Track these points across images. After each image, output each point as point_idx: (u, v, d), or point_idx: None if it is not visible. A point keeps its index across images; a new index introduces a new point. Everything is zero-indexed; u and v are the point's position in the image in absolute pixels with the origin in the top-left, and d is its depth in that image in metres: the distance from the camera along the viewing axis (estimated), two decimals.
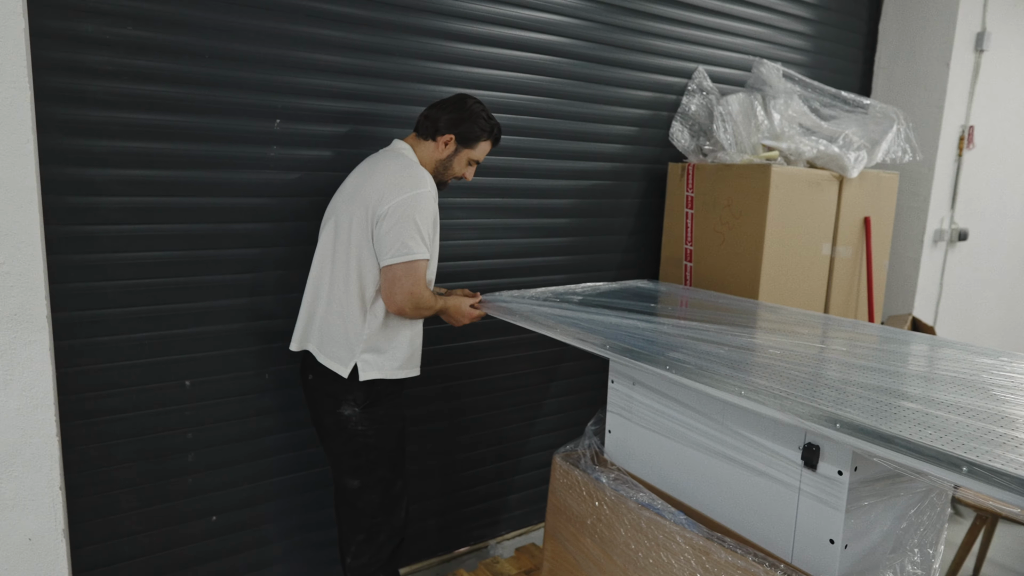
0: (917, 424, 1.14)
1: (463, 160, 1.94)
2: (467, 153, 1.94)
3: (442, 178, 1.94)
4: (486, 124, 1.93)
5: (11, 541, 1.43)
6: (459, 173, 1.96)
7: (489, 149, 1.99)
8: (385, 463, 1.91)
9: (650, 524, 1.59)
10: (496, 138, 1.98)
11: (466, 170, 1.97)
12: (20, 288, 1.37)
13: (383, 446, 1.90)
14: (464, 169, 1.96)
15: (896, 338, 1.83)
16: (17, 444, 1.41)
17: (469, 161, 1.95)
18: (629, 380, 1.85)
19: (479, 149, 1.95)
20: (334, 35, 2.06)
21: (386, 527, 1.93)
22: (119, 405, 1.90)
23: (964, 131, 3.51)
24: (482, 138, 1.94)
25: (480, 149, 1.95)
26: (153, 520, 2.00)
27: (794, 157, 2.73)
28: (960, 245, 3.66)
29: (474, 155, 1.95)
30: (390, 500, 1.93)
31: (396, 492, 1.94)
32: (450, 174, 1.95)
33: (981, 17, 3.43)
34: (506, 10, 2.37)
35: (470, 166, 1.97)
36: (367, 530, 1.92)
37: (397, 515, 1.95)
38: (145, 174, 1.85)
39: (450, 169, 1.94)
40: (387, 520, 1.93)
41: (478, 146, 1.94)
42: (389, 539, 1.95)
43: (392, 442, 1.92)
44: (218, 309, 2.01)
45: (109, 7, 1.74)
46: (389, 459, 1.92)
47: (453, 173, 1.95)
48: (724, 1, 2.96)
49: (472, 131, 1.91)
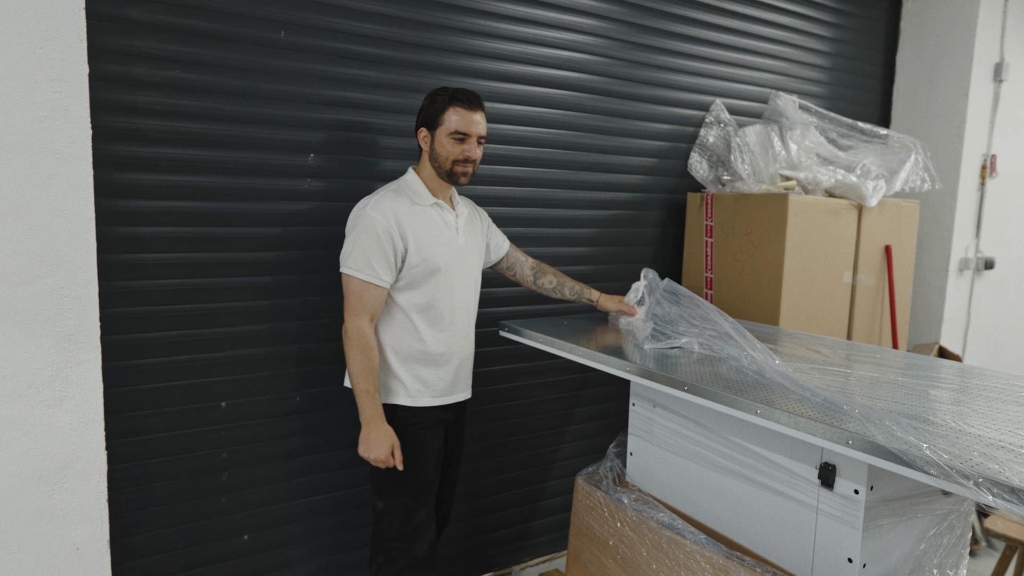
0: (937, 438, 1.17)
1: (442, 140, 1.86)
2: (442, 131, 1.86)
3: (444, 171, 1.89)
4: (443, 95, 1.86)
5: (61, 550, 1.51)
6: (448, 155, 1.86)
7: (465, 113, 1.86)
8: (407, 491, 1.91)
9: (671, 544, 1.62)
10: (461, 99, 1.86)
11: (453, 147, 1.86)
12: (76, 311, 1.47)
13: (405, 474, 1.90)
14: (452, 148, 1.86)
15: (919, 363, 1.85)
16: (69, 457, 1.50)
17: (451, 136, 1.86)
18: (650, 403, 1.89)
19: (450, 120, 1.85)
20: (364, 74, 2.18)
21: (407, 554, 1.92)
22: (158, 425, 1.99)
23: (986, 160, 3.53)
24: (445, 109, 1.85)
25: (450, 119, 1.85)
26: (188, 538, 2.07)
27: (812, 186, 2.78)
28: (987, 274, 3.64)
29: (449, 128, 1.85)
30: (411, 528, 1.92)
31: (418, 521, 1.92)
32: (445, 162, 1.88)
33: (999, 47, 3.47)
34: (531, 49, 2.48)
35: (457, 140, 1.86)
36: (387, 553, 1.93)
37: (419, 545, 1.93)
38: (188, 206, 1.97)
39: (439, 157, 1.88)
40: (408, 547, 1.92)
41: (446, 117, 1.85)
42: (409, 566, 1.92)
43: (414, 471, 1.91)
44: (252, 334, 2.11)
45: (159, 52, 1.88)
46: (411, 488, 1.91)
47: (445, 158, 1.87)
48: (741, 36, 3.05)
49: (432, 110, 1.87)
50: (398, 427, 1.90)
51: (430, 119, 1.89)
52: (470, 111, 1.87)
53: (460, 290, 1.96)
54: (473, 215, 2.09)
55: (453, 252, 1.93)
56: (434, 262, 1.88)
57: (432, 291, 1.90)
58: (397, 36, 2.22)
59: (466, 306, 1.99)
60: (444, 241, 1.91)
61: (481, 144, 1.93)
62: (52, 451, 1.48)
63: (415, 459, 1.92)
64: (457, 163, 1.88)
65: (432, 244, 1.88)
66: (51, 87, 1.40)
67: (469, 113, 1.87)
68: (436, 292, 1.90)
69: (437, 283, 1.90)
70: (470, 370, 2.07)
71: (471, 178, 1.94)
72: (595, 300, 2.29)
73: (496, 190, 2.49)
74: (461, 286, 1.96)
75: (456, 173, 1.90)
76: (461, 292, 1.96)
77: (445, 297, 1.92)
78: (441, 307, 1.92)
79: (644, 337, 1.94)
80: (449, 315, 1.94)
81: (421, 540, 1.93)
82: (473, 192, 2.37)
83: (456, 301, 1.95)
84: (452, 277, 1.92)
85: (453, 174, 1.90)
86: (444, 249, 1.91)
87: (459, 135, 1.86)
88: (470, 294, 2.01)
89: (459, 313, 1.96)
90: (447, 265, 1.90)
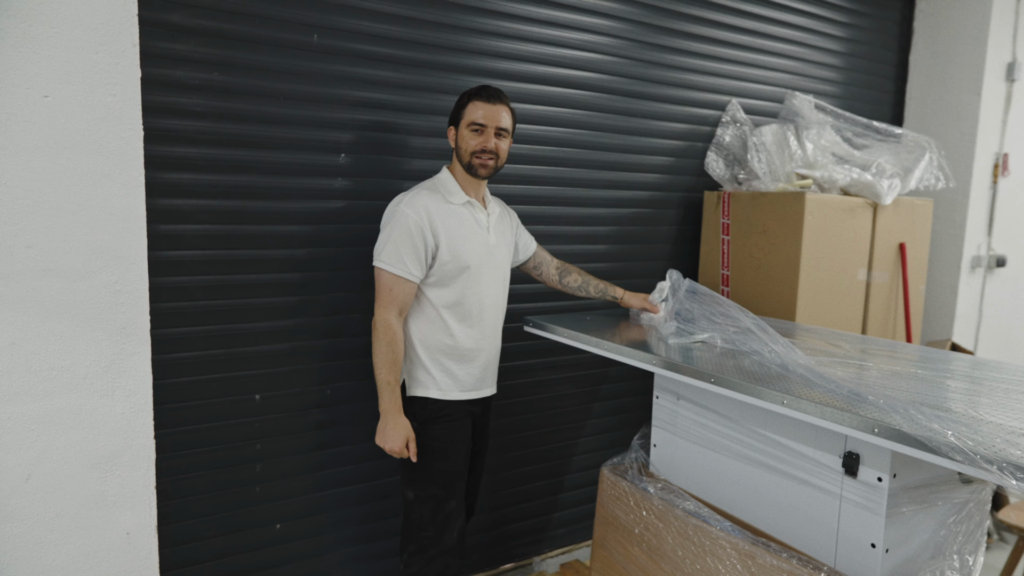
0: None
1: (463, 133, 1.93)
2: (463, 124, 1.93)
3: (465, 164, 1.94)
4: (465, 93, 1.95)
5: (112, 535, 1.57)
6: (467, 147, 1.92)
7: (482, 105, 1.91)
8: (438, 481, 1.96)
9: (697, 531, 1.68)
10: (481, 93, 1.92)
11: (472, 139, 1.91)
12: (128, 305, 1.53)
13: (435, 465, 1.95)
14: (470, 139, 1.92)
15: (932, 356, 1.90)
16: (120, 446, 1.56)
17: (469, 128, 1.92)
18: (674, 395, 1.95)
19: (468, 113, 1.92)
20: (393, 76, 2.24)
21: (437, 544, 1.96)
22: (197, 417, 2.05)
23: (998, 159, 3.56)
24: (466, 104, 1.93)
25: (469, 112, 1.92)
26: (223, 526, 2.14)
27: (828, 185, 2.83)
28: (999, 271, 3.68)
29: (467, 119, 1.92)
30: (442, 518, 1.96)
31: (448, 511, 1.97)
32: (464, 154, 1.93)
33: (1011, 48, 3.51)
34: (550, 50, 2.54)
35: (475, 132, 1.92)
36: (418, 542, 1.98)
37: (449, 534, 1.97)
38: (225, 204, 2.03)
39: (460, 150, 1.94)
40: (438, 537, 1.96)
41: (466, 111, 1.93)
42: (440, 555, 1.97)
43: (444, 463, 1.96)
44: (285, 328, 2.17)
45: (199, 56, 1.94)
46: (442, 478, 1.96)
47: (464, 150, 1.93)
48: (755, 36, 3.10)
49: (457, 107, 1.96)
50: (428, 419, 1.95)
51: (455, 115, 1.98)
52: (488, 103, 1.92)
53: (490, 288, 2.00)
54: (504, 214, 2.14)
55: (484, 250, 1.98)
56: (464, 260, 1.92)
57: (462, 288, 1.94)
58: (424, 39, 2.28)
59: (495, 303, 2.04)
60: (475, 239, 1.96)
61: (503, 137, 1.95)
62: (104, 439, 1.54)
63: (445, 451, 1.96)
64: (475, 155, 1.92)
65: (463, 242, 1.93)
66: (106, 91, 1.47)
67: (487, 105, 1.92)
68: (466, 289, 1.95)
69: (467, 280, 1.94)
70: (497, 366, 2.13)
71: (492, 171, 1.96)
72: (619, 297, 2.35)
73: (518, 188, 2.55)
74: (491, 284, 2.01)
75: (474, 165, 1.93)
76: (491, 290, 2.01)
77: (474, 294, 1.96)
78: (470, 304, 1.96)
79: (668, 333, 1.99)
80: (478, 312, 1.98)
81: (451, 530, 1.98)
82: (495, 191, 2.43)
83: (485, 298, 1.99)
84: (482, 275, 1.97)
85: (472, 167, 1.94)
86: (475, 247, 1.95)
87: (476, 126, 1.91)
88: (499, 292, 2.06)
89: (488, 310, 2.01)
90: (477, 263, 1.95)
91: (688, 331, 1.96)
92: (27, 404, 1.45)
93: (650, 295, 2.32)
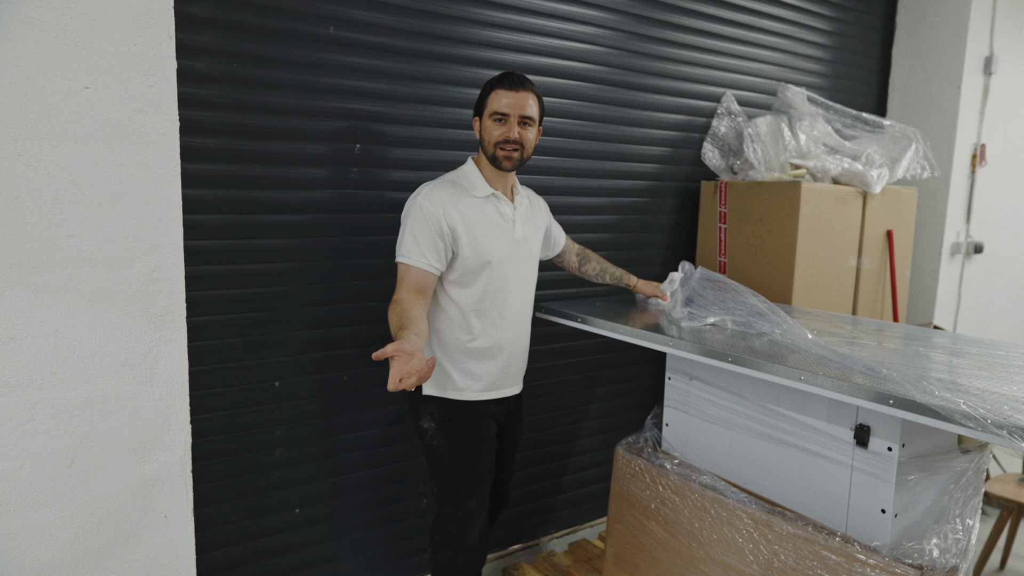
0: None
1: (486, 123, 1.89)
2: (486, 114, 1.89)
3: (489, 155, 1.90)
4: (488, 82, 1.91)
5: (151, 517, 1.60)
6: (491, 137, 1.88)
7: (505, 93, 1.86)
8: (457, 480, 1.94)
9: (713, 503, 1.76)
10: (503, 80, 1.87)
11: (495, 129, 1.87)
12: (165, 293, 1.56)
13: (454, 464, 1.94)
14: (493, 129, 1.87)
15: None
16: (158, 430, 1.59)
17: (491, 117, 1.87)
18: (686, 376, 2.03)
19: (491, 102, 1.87)
20: (406, 68, 2.28)
21: (460, 539, 1.96)
22: (219, 404, 2.09)
23: (976, 149, 3.71)
24: (489, 93, 1.88)
25: (492, 101, 1.87)
26: (244, 512, 2.18)
27: (820, 174, 2.93)
28: (976, 257, 3.84)
29: (490, 109, 1.87)
30: (463, 515, 1.95)
31: (469, 509, 1.95)
32: (488, 145, 1.89)
33: (988, 42, 3.65)
34: (553, 42, 2.60)
35: (497, 121, 1.87)
36: (442, 534, 1.99)
37: (470, 532, 1.96)
38: (244, 194, 2.06)
39: (484, 141, 1.90)
40: (460, 533, 1.96)
41: (489, 100, 1.88)
42: (461, 551, 1.97)
43: (464, 463, 1.94)
44: (304, 316, 2.21)
45: (219, 48, 1.96)
46: (462, 477, 1.94)
47: (488, 141, 1.89)
48: (747, 30, 3.19)
49: (480, 97, 1.92)
50: (445, 420, 1.93)
51: (478, 105, 1.93)
52: (510, 91, 1.85)
53: (514, 283, 1.95)
54: (535, 206, 2.11)
55: (507, 245, 1.92)
56: (485, 255, 1.88)
57: (484, 284, 1.90)
58: (436, 31, 2.32)
59: (520, 299, 1.99)
60: (498, 234, 1.91)
61: (528, 126, 1.88)
62: (143, 424, 1.57)
63: (464, 452, 1.95)
64: (499, 146, 1.86)
65: (485, 237, 1.88)
66: (144, 82, 1.49)
67: (510, 93, 1.85)
68: (487, 285, 1.90)
69: (489, 276, 1.90)
70: (523, 365, 2.08)
71: (517, 163, 1.90)
72: (633, 284, 2.44)
73: (520, 179, 2.61)
74: (516, 279, 1.96)
75: (499, 157, 1.87)
76: (515, 285, 1.96)
77: (497, 291, 1.92)
78: (492, 300, 1.91)
79: (679, 317, 2.07)
80: (499, 308, 1.93)
81: (472, 528, 1.97)
82: None
83: (508, 295, 1.94)
84: (505, 270, 1.92)
85: (496, 158, 1.88)
86: (497, 242, 1.90)
87: (499, 115, 1.85)
88: (525, 288, 2.00)
89: (511, 307, 1.96)
90: (500, 258, 1.90)
91: (699, 315, 2.05)
92: (70, 390, 1.47)
93: (662, 284, 2.41)
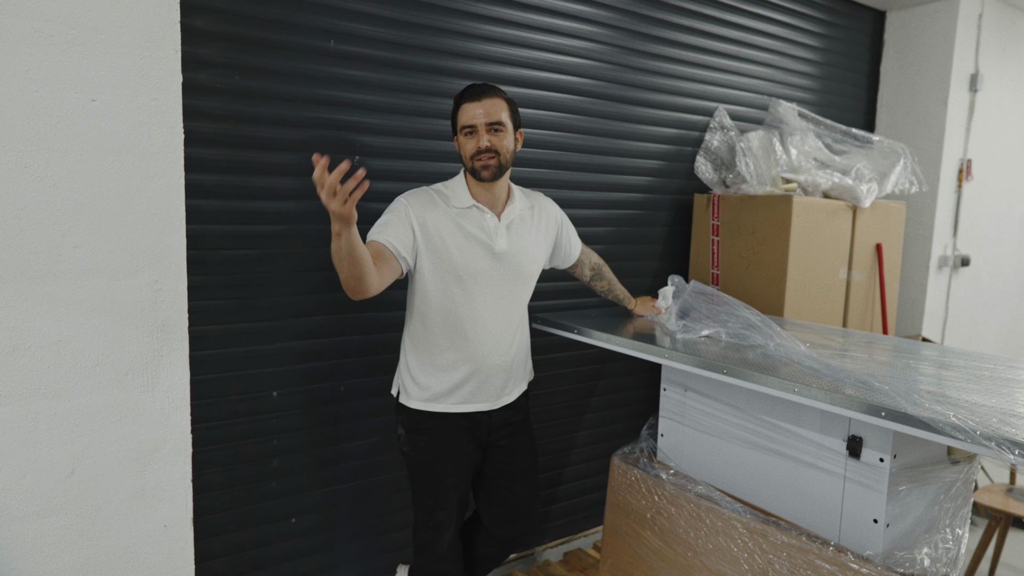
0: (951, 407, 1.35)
1: (460, 140, 1.90)
2: (459, 131, 1.90)
3: (471, 169, 1.89)
4: (454, 99, 1.92)
5: (150, 527, 1.61)
6: (466, 152, 1.88)
7: (468, 106, 1.87)
8: (425, 490, 1.95)
9: (709, 513, 1.79)
10: (465, 94, 1.89)
11: (468, 143, 1.87)
12: (168, 303, 1.57)
13: (421, 473, 1.95)
14: (466, 143, 1.87)
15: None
16: (159, 440, 1.60)
17: (463, 133, 1.88)
18: (681, 387, 2.06)
19: (459, 117, 1.89)
20: (406, 81, 2.31)
21: (432, 548, 1.97)
22: (217, 414, 2.09)
23: (963, 164, 3.78)
24: (457, 111, 1.90)
25: (460, 117, 1.88)
26: (241, 521, 2.18)
27: (811, 188, 2.98)
28: (963, 270, 3.90)
29: (459, 124, 1.89)
30: (433, 524, 1.96)
31: (437, 521, 1.95)
32: (467, 160, 1.89)
33: (974, 60, 3.73)
34: (549, 56, 2.63)
35: (468, 136, 1.87)
36: (418, 540, 2.00)
37: (440, 542, 1.96)
38: (244, 205, 2.08)
39: (463, 157, 1.91)
40: (431, 542, 1.97)
41: (458, 116, 1.89)
42: (434, 561, 1.97)
43: (429, 473, 1.94)
44: (301, 326, 2.22)
45: (220, 60, 1.98)
46: (429, 488, 1.95)
47: (465, 156, 1.89)
48: (739, 46, 3.25)
49: (452, 118, 1.93)
50: (413, 429, 1.95)
51: (452, 123, 1.93)
52: (474, 101, 1.84)
53: (490, 298, 1.90)
54: (539, 217, 2.05)
55: (482, 258, 1.88)
56: (453, 267, 1.85)
57: (451, 297, 1.86)
58: (435, 45, 2.35)
59: (496, 314, 1.91)
60: (471, 247, 1.87)
61: (499, 132, 1.86)
62: (144, 434, 1.58)
63: (429, 463, 1.95)
64: (474, 158, 1.85)
65: (454, 248, 1.85)
66: (150, 95, 1.51)
67: (473, 104, 1.84)
68: (456, 299, 1.86)
69: (457, 289, 1.86)
70: (505, 382, 1.99)
71: (496, 170, 1.87)
72: (632, 308, 2.49)
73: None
74: (492, 294, 1.90)
75: (477, 169, 1.86)
76: (491, 300, 1.90)
77: (468, 304, 1.87)
78: (460, 314, 1.87)
79: (674, 329, 2.10)
80: (471, 322, 1.88)
81: (442, 539, 1.96)
82: None
83: (482, 309, 1.89)
84: (477, 284, 1.87)
85: (475, 170, 1.87)
86: (468, 255, 1.86)
87: (468, 129, 1.85)
88: (505, 302, 1.93)
89: (484, 321, 1.90)
90: (470, 272, 1.86)
91: (694, 327, 2.08)
92: (72, 400, 1.48)
93: (657, 301, 2.44)
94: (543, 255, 2.07)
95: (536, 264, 2.03)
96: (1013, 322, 4.32)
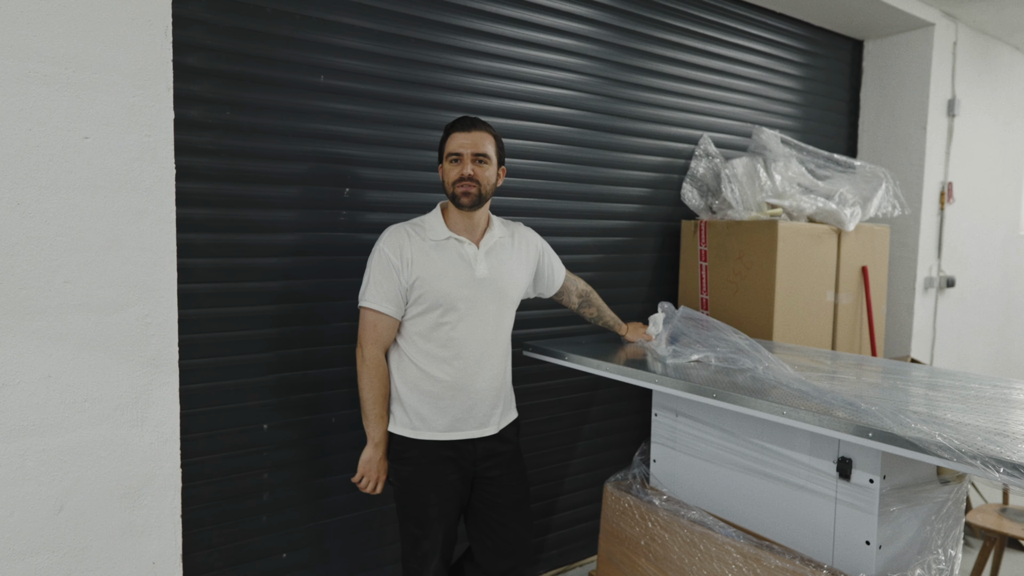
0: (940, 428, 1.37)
1: (445, 167, 1.94)
2: (445, 158, 1.94)
3: (452, 195, 1.93)
4: (444, 128, 1.98)
5: (139, 564, 1.59)
6: (449, 178, 1.93)
7: (457, 135, 1.93)
8: (411, 520, 1.95)
9: (702, 538, 1.78)
10: (456, 124, 1.94)
11: (451, 170, 1.92)
12: (158, 337, 1.58)
13: (405, 502, 1.96)
14: (451, 170, 1.92)
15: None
16: (148, 475, 1.59)
17: (448, 160, 1.92)
18: (672, 412, 2.07)
19: (448, 146, 1.94)
20: (395, 114, 2.35)
21: None
22: (206, 447, 2.08)
23: (944, 187, 3.86)
24: (445, 139, 1.95)
25: (448, 145, 1.94)
26: (231, 556, 2.15)
27: (796, 213, 3.03)
28: (949, 291, 3.95)
29: (446, 152, 1.94)
30: (420, 554, 1.95)
31: (423, 551, 1.95)
32: (448, 186, 1.93)
33: (951, 86, 3.83)
34: (539, 89, 2.69)
35: (453, 163, 1.91)
36: (407, 570, 1.99)
37: (426, 572, 1.96)
38: (235, 238, 2.09)
39: (445, 184, 1.95)
40: (419, 571, 1.96)
41: (446, 145, 1.94)
42: None
43: (413, 503, 1.94)
44: (291, 358, 2.22)
45: (211, 96, 2.02)
46: (414, 518, 1.95)
47: (447, 183, 1.93)
48: (723, 76, 3.32)
49: (440, 145, 1.98)
50: (396, 457, 1.96)
51: (439, 152, 1.99)
52: (464, 132, 1.92)
53: (475, 325, 1.93)
54: (519, 244, 2.09)
55: (465, 286, 1.91)
56: (438, 297, 1.89)
57: (438, 326, 1.90)
58: (423, 79, 2.40)
59: (481, 341, 1.94)
60: (453, 275, 1.90)
61: (484, 164, 1.91)
62: (134, 469, 1.57)
63: (412, 492, 1.95)
64: (455, 184, 1.90)
65: (438, 278, 1.89)
66: (142, 132, 1.53)
67: (463, 134, 1.91)
68: (443, 327, 1.90)
69: (445, 318, 1.90)
70: (490, 409, 1.99)
71: (476, 199, 1.91)
72: (623, 334, 2.49)
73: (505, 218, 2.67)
74: (477, 320, 1.93)
75: (457, 195, 1.91)
76: (477, 327, 1.93)
77: (453, 331, 1.90)
78: (447, 342, 1.91)
79: (664, 354, 2.12)
80: (457, 350, 1.91)
81: (427, 569, 1.96)
82: None
83: (468, 336, 1.92)
84: (461, 312, 1.91)
85: (455, 196, 1.92)
86: (450, 284, 1.90)
87: (453, 156, 1.91)
88: (490, 328, 1.96)
89: (469, 349, 1.92)
90: (455, 301, 1.90)
91: (684, 352, 2.09)
92: (61, 436, 1.47)
93: (648, 328, 2.45)
94: (525, 280, 2.10)
95: (518, 288, 2.06)
96: (1000, 341, 4.37)
